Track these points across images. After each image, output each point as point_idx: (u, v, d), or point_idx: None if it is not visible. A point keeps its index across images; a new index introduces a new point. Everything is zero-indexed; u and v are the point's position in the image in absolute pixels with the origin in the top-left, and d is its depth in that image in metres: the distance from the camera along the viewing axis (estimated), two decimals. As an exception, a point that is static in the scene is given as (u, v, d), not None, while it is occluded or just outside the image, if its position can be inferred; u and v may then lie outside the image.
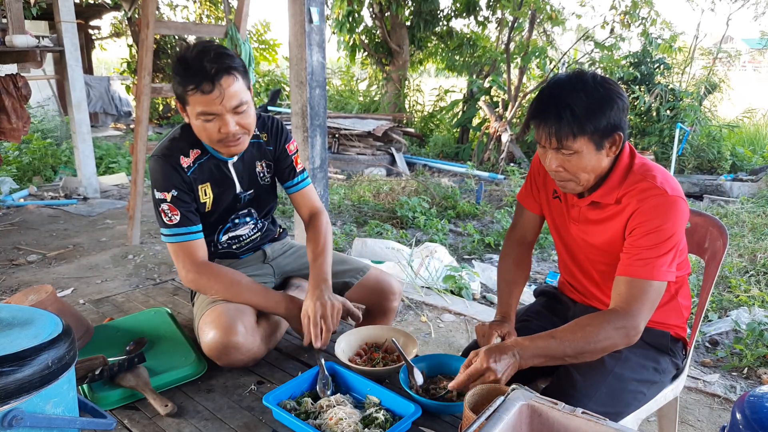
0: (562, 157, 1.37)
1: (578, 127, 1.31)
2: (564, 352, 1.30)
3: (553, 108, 1.32)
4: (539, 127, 1.36)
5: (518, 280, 1.69)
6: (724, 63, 9.17)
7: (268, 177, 1.85)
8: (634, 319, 1.32)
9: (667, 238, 1.34)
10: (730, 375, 2.78)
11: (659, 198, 1.36)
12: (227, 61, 1.52)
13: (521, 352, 1.30)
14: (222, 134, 1.56)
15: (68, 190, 6.03)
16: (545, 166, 1.43)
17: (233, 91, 1.52)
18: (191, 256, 1.66)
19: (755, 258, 4.30)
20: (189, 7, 12.29)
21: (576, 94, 1.31)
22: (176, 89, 1.56)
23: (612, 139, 1.36)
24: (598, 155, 1.36)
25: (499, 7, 9.17)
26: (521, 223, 1.74)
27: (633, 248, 1.37)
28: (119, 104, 11.43)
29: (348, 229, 5.01)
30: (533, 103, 1.39)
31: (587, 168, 1.37)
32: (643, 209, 1.37)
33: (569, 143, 1.33)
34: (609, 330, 1.31)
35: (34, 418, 1.00)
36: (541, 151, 1.42)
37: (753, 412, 0.92)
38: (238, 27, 4.26)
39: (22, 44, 4.79)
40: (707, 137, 7.99)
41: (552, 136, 1.33)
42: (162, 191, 1.64)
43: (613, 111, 1.32)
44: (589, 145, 1.34)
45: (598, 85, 1.33)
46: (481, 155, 8.62)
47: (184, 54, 1.53)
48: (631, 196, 1.39)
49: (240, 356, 1.57)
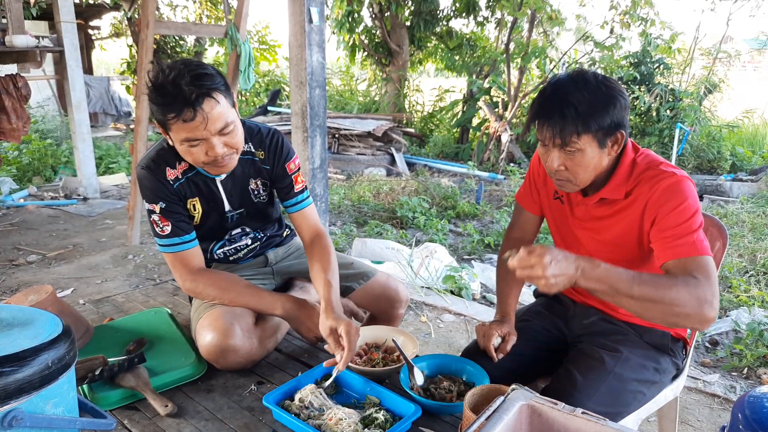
0: (565, 156, 1.36)
1: (583, 125, 1.30)
2: (630, 289, 1.19)
3: (557, 106, 1.32)
4: (543, 126, 1.36)
5: (517, 280, 1.69)
6: (724, 63, 9.17)
7: (264, 195, 1.79)
8: (705, 289, 1.20)
9: (693, 214, 1.32)
10: (730, 375, 2.78)
11: (669, 179, 1.35)
12: (207, 82, 1.41)
13: (587, 264, 1.19)
14: (209, 157, 1.48)
15: (68, 190, 6.03)
16: (546, 165, 1.42)
17: (217, 113, 1.43)
18: (187, 265, 1.64)
19: (755, 258, 4.30)
20: (189, 7, 12.29)
21: (579, 92, 1.31)
22: (156, 116, 1.46)
23: (614, 138, 1.36)
24: (600, 153, 1.36)
25: (499, 7, 9.17)
26: (520, 223, 1.74)
27: (666, 231, 1.33)
28: (119, 104, 11.44)
29: (348, 229, 5.01)
30: (535, 102, 1.39)
31: (589, 166, 1.37)
32: (657, 193, 1.36)
33: (573, 141, 1.32)
34: (682, 292, 1.19)
35: (34, 419, 1.00)
36: (543, 151, 1.41)
37: (753, 412, 0.92)
38: (238, 27, 4.26)
39: (22, 44, 4.79)
40: (707, 137, 7.99)
41: (556, 135, 1.33)
42: (150, 203, 1.61)
43: (615, 109, 1.32)
44: (593, 143, 1.34)
45: (600, 83, 1.33)
46: (481, 155, 8.62)
47: (159, 79, 1.41)
48: (642, 186, 1.39)
49: (237, 359, 1.57)
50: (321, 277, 1.65)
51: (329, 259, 1.70)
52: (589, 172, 1.39)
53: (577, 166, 1.37)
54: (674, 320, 1.23)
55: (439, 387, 1.47)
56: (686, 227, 1.31)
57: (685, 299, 1.19)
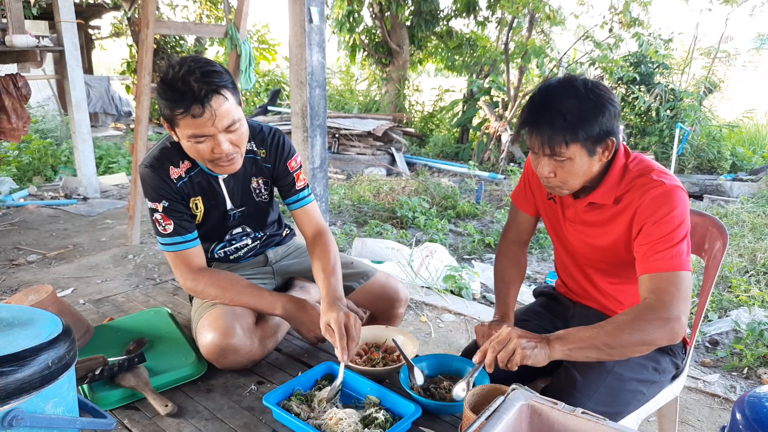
0: (554, 164, 1.36)
1: (571, 135, 1.30)
2: (600, 340, 1.26)
3: (546, 115, 1.32)
4: (532, 134, 1.36)
5: (515, 279, 1.70)
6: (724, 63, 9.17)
7: (265, 194, 1.80)
8: (669, 310, 1.26)
9: (677, 225, 1.33)
10: (730, 375, 2.78)
11: (659, 188, 1.36)
12: (216, 79, 1.43)
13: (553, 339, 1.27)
14: (215, 154, 1.50)
15: (68, 190, 6.03)
16: (537, 171, 1.43)
17: (224, 110, 1.45)
18: (188, 264, 1.65)
19: (755, 258, 4.30)
20: (189, 7, 12.31)
21: (568, 100, 1.31)
22: (164, 112, 1.47)
23: (605, 145, 1.35)
24: (590, 161, 1.36)
25: (499, 6, 9.17)
26: (516, 223, 1.74)
27: (647, 244, 1.35)
28: (119, 104, 11.44)
29: (348, 229, 5.01)
30: (524, 110, 1.38)
31: (579, 174, 1.37)
32: (646, 202, 1.36)
33: (562, 150, 1.32)
34: (643, 323, 1.25)
35: (34, 418, 1.00)
36: (533, 157, 1.42)
37: (753, 412, 0.92)
38: (238, 27, 4.26)
39: (22, 44, 4.79)
40: (707, 137, 7.99)
41: (545, 144, 1.33)
42: (153, 201, 1.61)
43: (605, 117, 1.31)
44: (582, 152, 1.33)
45: (589, 91, 1.32)
46: (481, 155, 8.62)
47: (169, 74, 1.43)
48: (632, 193, 1.40)
49: (238, 358, 1.57)
50: (322, 275, 1.65)
51: (331, 257, 1.70)
52: (579, 179, 1.39)
53: (567, 174, 1.37)
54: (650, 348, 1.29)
55: (439, 387, 1.47)
56: (668, 240, 1.32)
57: (648, 328, 1.25)
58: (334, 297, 1.58)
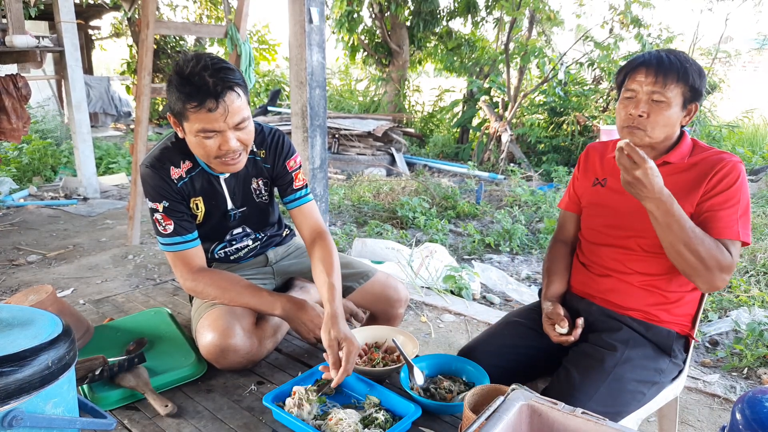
0: (651, 105, 1.46)
1: (683, 74, 1.44)
2: (690, 226, 1.37)
3: (662, 57, 1.46)
4: (644, 70, 1.46)
5: (568, 265, 1.76)
6: (724, 63, 9.17)
7: (266, 194, 1.80)
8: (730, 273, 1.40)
9: (740, 200, 1.45)
10: (730, 375, 2.78)
11: (732, 161, 1.46)
12: (230, 76, 1.45)
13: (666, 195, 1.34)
14: (222, 151, 1.50)
15: (68, 190, 6.03)
16: (622, 116, 1.51)
17: (237, 107, 1.46)
18: (188, 264, 1.65)
19: (755, 258, 4.30)
20: (189, 7, 12.31)
21: (677, 54, 1.47)
22: (175, 105, 1.47)
23: (694, 106, 1.49)
24: (679, 115, 1.48)
25: (498, 7, 9.17)
26: (566, 227, 1.82)
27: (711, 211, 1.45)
28: (119, 104, 11.44)
29: (348, 229, 5.01)
30: (635, 59, 1.50)
31: (667, 122, 1.47)
32: (721, 173, 1.46)
33: (670, 86, 1.44)
34: (718, 258, 1.38)
35: (34, 419, 1.00)
36: (626, 101, 1.49)
37: (753, 412, 0.92)
38: (238, 27, 4.26)
39: (22, 44, 4.79)
40: (707, 137, 7.98)
41: (659, 75, 1.44)
42: (153, 201, 1.61)
43: (702, 80, 1.48)
44: (679, 100, 1.45)
45: (690, 58, 1.49)
46: (481, 155, 8.62)
47: (185, 68, 1.45)
48: (706, 162, 1.49)
49: (238, 359, 1.57)
50: (323, 280, 1.62)
51: (332, 261, 1.67)
52: (663, 129, 1.48)
53: (657, 116, 1.46)
54: (696, 270, 1.40)
55: (439, 387, 1.47)
56: (733, 211, 1.43)
57: (713, 266, 1.38)
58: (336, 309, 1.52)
